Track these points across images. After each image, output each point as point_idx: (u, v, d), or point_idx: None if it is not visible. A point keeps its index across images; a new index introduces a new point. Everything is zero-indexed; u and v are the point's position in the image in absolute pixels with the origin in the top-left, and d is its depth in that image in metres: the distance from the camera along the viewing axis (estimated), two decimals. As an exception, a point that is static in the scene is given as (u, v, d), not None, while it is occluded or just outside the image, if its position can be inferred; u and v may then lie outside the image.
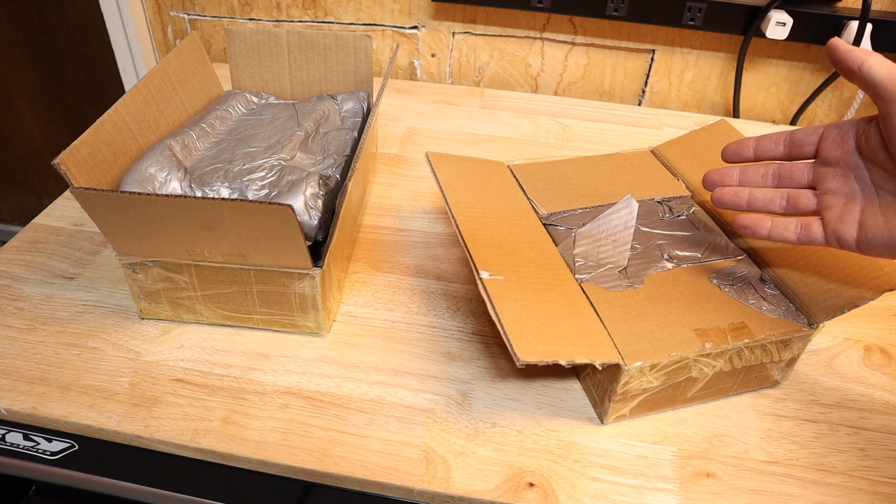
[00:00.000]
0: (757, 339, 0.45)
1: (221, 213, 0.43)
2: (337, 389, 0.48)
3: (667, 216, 0.56)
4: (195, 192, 0.53)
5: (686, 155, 0.63)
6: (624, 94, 0.98)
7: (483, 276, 0.45)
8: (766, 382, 0.50)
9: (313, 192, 0.52)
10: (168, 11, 1.02)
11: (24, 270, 0.58)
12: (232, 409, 0.46)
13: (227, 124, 0.63)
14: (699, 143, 0.64)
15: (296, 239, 0.44)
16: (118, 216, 0.44)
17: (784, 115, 0.96)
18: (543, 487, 0.43)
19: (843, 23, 0.82)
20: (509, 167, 0.61)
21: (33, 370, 0.49)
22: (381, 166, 0.75)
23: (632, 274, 0.50)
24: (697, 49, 0.92)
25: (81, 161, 0.46)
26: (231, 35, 0.68)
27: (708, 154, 0.62)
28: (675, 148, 0.65)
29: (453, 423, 0.46)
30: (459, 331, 0.54)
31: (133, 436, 0.45)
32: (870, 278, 0.45)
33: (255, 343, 0.52)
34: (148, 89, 0.57)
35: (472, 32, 0.95)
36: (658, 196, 0.58)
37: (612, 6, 0.86)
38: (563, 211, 0.56)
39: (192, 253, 0.47)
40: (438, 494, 0.42)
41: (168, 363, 0.50)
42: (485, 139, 0.82)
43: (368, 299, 0.56)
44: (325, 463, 0.43)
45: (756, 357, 0.46)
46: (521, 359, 0.40)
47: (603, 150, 0.81)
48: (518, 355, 0.40)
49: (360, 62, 0.68)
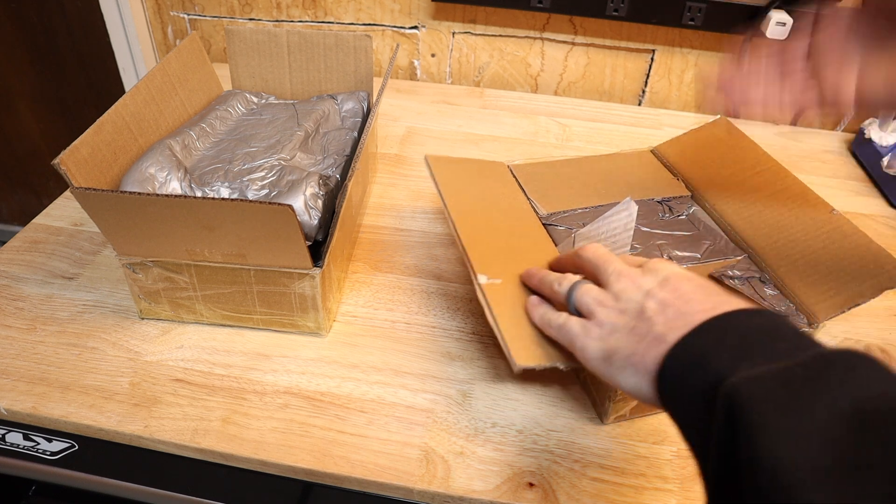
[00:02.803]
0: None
1: (221, 213, 0.43)
2: (337, 389, 0.48)
3: (667, 216, 0.56)
4: (195, 192, 0.53)
5: (686, 154, 0.63)
6: (624, 94, 0.98)
7: (481, 281, 0.45)
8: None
9: (313, 192, 0.52)
10: (168, 11, 1.02)
11: (24, 270, 0.58)
12: (232, 409, 0.46)
13: (227, 124, 0.63)
14: (699, 142, 0.64)
15: (296, 239, 0.44)
16: (118, 216, 0.44)
17: (784, 115, 0.96)
18: (543, 487, 0.43)
19: (843, 23, 0.82)
20: (509, 167, 0.61)
21: (33, 370, 0.49)
22: (381, 166, 0.75)
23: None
24: (697, 49, 0.92)
25: (81, 161, 0.46)
26: (231, 35, 0.68)
27: (708, 153, 0.62)
28: (675, 147, 0.65)
29: (453, 423, 0.46)
30: (459, 331, 0.54)
31: (133, 436, 0.45)
32: (869, 276, 0.45)
33: (255, 343, 0.52)
34: (148, 89, 0.57)
35: (472, 32, 0.95)
36: (658, 196, 0.58)
37: (612, 6, 0.86)
38: (563, 211, 0.56)
39: (192, 253, 0.47)
40: (438, 494, 0.42)
41: (168, 363, 0.50)
42: (485, 139, 0.82)
43: (368, 299, 0.56)
44: (325, 463, 0.43)
45: None
46: (518, 364, 0.40)
47: (603, 150, 0.81)
48: (515, 360, 0.40)
49: (360, 62, 0.68)
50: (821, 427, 0.24)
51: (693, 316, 0.33)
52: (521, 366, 0.40)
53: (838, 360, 0.27)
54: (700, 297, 0.34)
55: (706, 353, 0.30)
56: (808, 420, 0.25)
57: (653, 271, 0.38)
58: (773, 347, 0.29)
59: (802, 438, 0.24)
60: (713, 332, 0.31)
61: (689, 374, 0.30)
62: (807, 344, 0.29)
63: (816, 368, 0.27)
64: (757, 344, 0.29)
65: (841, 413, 0.25)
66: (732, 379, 0.27)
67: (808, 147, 0.86)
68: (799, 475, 0.24)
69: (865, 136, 0.81)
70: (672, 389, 0.32)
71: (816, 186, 0.54)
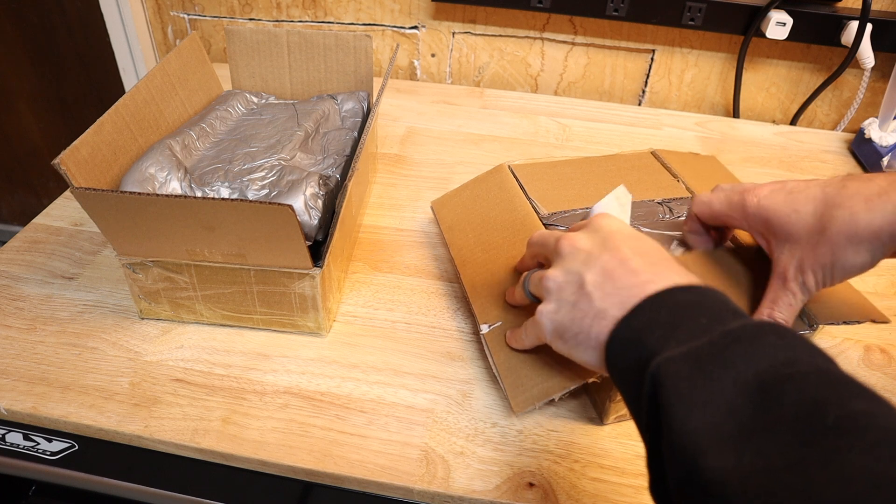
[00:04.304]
0: None
1: (221, 213, 0.43)
2: (337, 389, 0.48)
3: (667, 217, 0.56)
4: (195, 192, 0.52)
5: (687, 163, 0.64)
6: (624, 94, 0.98)
7: (483, 331, 0.48)
8: None
9: (313, 192, 0.52)
10: (168, 11, 1.02)
11: (24, 270, 0.58)
12: (232, 409, 0.46)
13: (227, 124, 0.63)
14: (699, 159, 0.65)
15: (296, 239, 0.44)
16: (118, 216, 0.44)
17: (784, 115, 0.96)
18: (543, 487, 0.43)
19: (843, 23, 0.82)
20: (510, 167, 0.61)
21: (33, 370, 0.49)
22: (381, 166, 0.75)
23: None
24: (697, 49, 0.92)
25: (81, 161, 0.46)
26: (231, 35, 0.68)
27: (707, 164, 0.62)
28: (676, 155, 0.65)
29: (453, 423, 0.46)
30: (459, 331, 0.54)
31: (133, 436, 0.45)
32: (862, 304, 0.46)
33: (255, 343, 0.52)
34: (148, 89, 0.57)
35: (472, 32, 0.95)
36: (658, 197, 0.58)
37: (612, 6, 0.86)
38: (563, 211, 0.56)
39: (192, 253, 0.47)
40: (438, 494, 0.42)
41: (168, 363, 0.50)
42: (485, 139, 0.82)
43: (368, 299, 0.56)
44: (325, 463, 0.43)
45: None
46: (517, 411, 0.43)
47: (603, 150, 0.81)
48: (514, 408, 0.43)
49: (360, 62, 0.68)
50: (727, 399, 0.27)
51: (631, 290, 0.34)
52: (519, 412, 0.45)
53: (743, 334, 0.29)
54: (639, 265, 0.35)
55: (640, 331, 0.33)
56: (715, 393, 0.27)
57: (595, 230, 0.39)
58: (697, 323, 0.31)
59: (709, 410, 0.27)
60: (647, 311, 0.33)
61: (628, 352, 0.33)
62: (724, 317, 0.31)
63: (724, 344, 0.29)
64: (684, 320, 0.31)
65: (745, 383, 0.27)
66: (657, 358, 0.30)
67: (808, 147, 0.86)
68: (704, 443, 0.26)
69: (865, 135, 0.81)
70: (614, 365, 0.34)
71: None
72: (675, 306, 0.32)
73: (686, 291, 0.33)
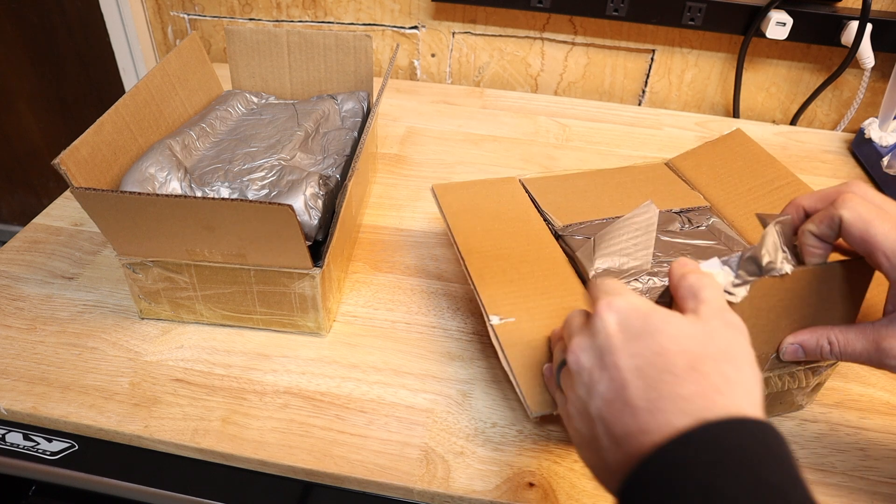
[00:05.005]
0: (786, 366, 0.43)
1: (221, 213, 0.43)
2: (337, 389, 0.48)
3: (686, 227, 0.55)
4: (195, 192, 0.53)
5: (702, 168, 0.61)
6: (624, 94, 0.98)
7: (493, 322, 0.45)
8: (791, 408, 0.48)
9: (313, 192, 0.52)
10: (168, 11, 1.02)
11: (24, 270, 0.58)
12: (232, 409, 0.46)
13: (227, 124, 0.63)
14: (715, 155, 0.62)
15: (296, 239, 0.44)
16: (118, 216, 0.44)
17: (784, 115, 0.96)
18: (543, 487, 0.43)
19: (842, 23, 0.83)
20: (521, 181, 0.60)
21: (33, 370, 0.49)
22: (381, 166, 0.75)
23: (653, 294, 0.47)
24: (697, 49, 0.92)
25: (81, 161, 0.46)
26: (231, 35, 0.68)
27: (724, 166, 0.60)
28: (691, 160, 0.63)
29: (453, 423, 0.46)
30: (459, 331, 0.54)
31: (133, 436, 0.45)
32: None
33: (255, 343, 0.52)
34: (148, 89, 0.57)
35: (472, 32, 0.95)
36: (676, 207, 0.57)
37: (612, 6, 0.86)
38: (579, 223, 0.54)
39: (192, 253, 0.47)
40: (438, 494, 0.42)
41: (168, 363, 0.50)
42: (485, 139, 0.82)
43: (368, 299, 0.56)
44: (325, 463, 0.43)
45: (784, 384, 0.45)
46: (534, 411, 0.40)
47: (603, 150, 0.81)
48: (530, 407, 0.40)
49: (360, 62, 0.68)
50: None
51: (629, 442, 0.30)
52: (536, 413, 0.40)
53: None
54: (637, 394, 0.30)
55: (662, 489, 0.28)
56: None
57: (593, 333, 0.34)
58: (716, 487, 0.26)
59: None
60: (643, 487, 0.28)
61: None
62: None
63: None
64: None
65: None
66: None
67: (808, 147, 0.86)
68: None
69: (865, 135, 0.81)
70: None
71: (817, 186, 0.54)
72: (676, 482, 0.27)
73: (686, 446, 0.28)
